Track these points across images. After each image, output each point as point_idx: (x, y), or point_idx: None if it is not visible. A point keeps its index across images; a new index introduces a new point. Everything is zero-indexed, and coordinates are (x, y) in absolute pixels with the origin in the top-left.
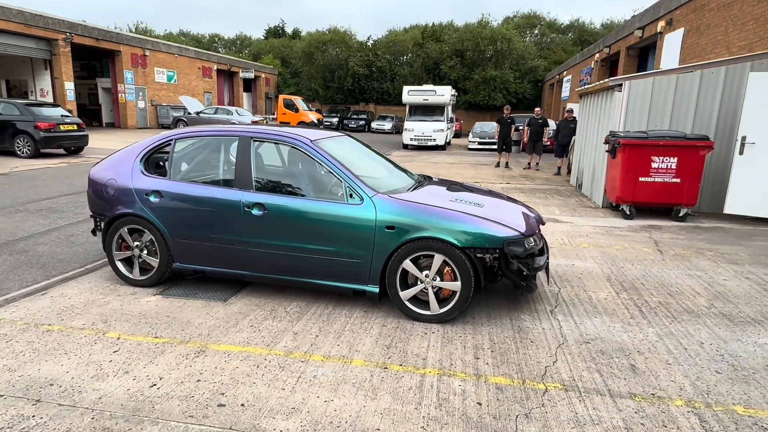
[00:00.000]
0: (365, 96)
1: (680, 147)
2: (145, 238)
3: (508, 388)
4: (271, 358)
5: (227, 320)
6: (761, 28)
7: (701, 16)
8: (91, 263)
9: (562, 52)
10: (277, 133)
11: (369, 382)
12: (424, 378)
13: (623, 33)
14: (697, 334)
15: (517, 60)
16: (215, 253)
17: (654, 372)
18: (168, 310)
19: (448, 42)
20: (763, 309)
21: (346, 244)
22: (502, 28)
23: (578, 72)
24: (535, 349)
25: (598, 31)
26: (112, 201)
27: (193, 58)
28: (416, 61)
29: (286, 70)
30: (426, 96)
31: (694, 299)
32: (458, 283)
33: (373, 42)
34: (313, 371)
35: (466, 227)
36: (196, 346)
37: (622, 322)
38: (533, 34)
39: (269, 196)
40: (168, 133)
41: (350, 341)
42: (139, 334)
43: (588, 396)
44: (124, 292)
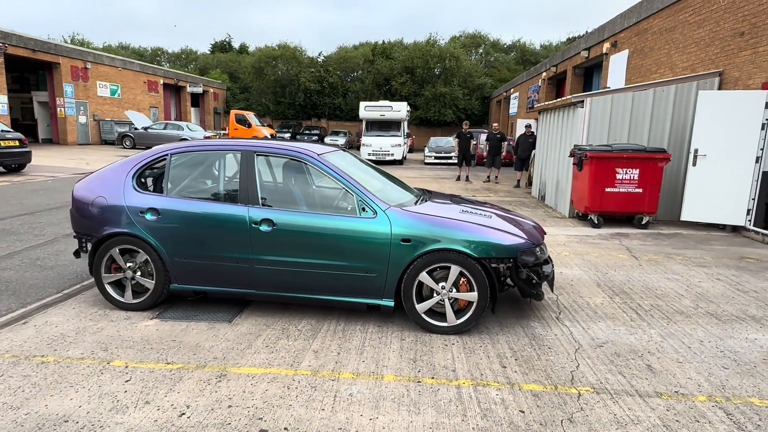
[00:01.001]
0: (317, 111)
1: (641, 159)
2: (139, 259)
3: (543, 395)
4: (299, 379)
5: (239, 342)
6: (702, 51)
7: (644, 39)
8: (68, 288)
9: (506, 71)
10: (281, 147)
11: (408, 397)
12: (460, 389)
13: (569, 53)
14: (694, 333)
15: (465, 77)
16: (219, 272)
17: (670, 371)
18: (171, 334)
19: (398, 59)
20: (742, 307)
21: (361, 258)
22: (450, 47)
23: (525, 90)
24: (554, 355)
25: (539, 51)
26: (100, 220)
27: (138, 72)
28: (367, 77)
29: (234, 85)
30: (383, 111)
31: (681, 301)
32: (475, 294)
33: (324, 58)
34: (347, 389)
35: (481, 238)
36: (216, 371)
37: (624, 325)
38: (478, 53)
39: (278, 212)
40: (162, 147)
41: (374, 357)
42: (149, 361)
43: (620, 397)
44: (116, 317)
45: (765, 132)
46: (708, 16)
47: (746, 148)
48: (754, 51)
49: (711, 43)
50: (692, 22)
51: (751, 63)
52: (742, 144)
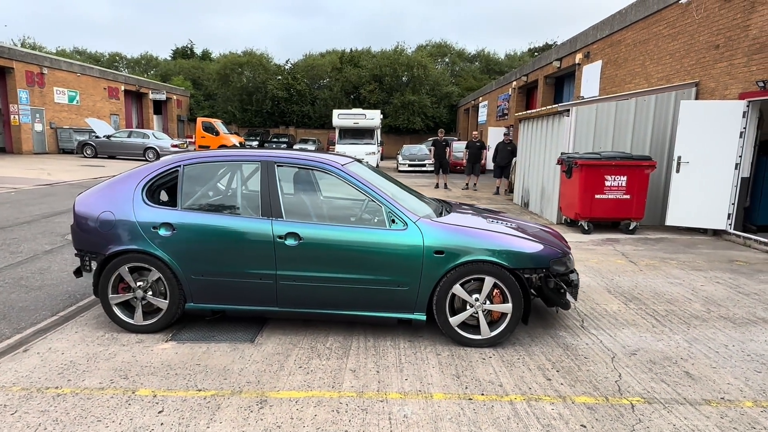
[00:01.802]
0: (285, 119)
1: (629, 166)
2: (150, 277)
3: (597, 407)
4: (346, 401)
5: (269, 363)
6: (677, 63)
7: (618, 51)
8: (63, 310)
9: (472, 79)
10: (302, 157)
11: (465, 416)
12: (513, 405)
13: (541, 63)
14: (716, 337)
15: (433, 86)
16: (239, 289)
17: (708, 377)
18: (193, 358)
19: (366, 67)
20: (750, 310)
21: (392, 271)
22: (417, 56)
23: (495, 98)
24: (593, 365)
25: (503, 61)
26: (107, 237)
27: (98, 78)
28: (336, 85)
29: (199, 92)
30: (356, 119)
31: (692, 305)
32: (509, 305)
33: (291, 66)
34: (400, 410)
35: (515, 248)
36: (254, 396)
37: (649, 332)
38: (444, 63)
39: (304, 225)
40: (171, 158)
41: (416, 374)
42: (177, 389)
43: (672, 406)
44: (126, 340)
45: (743, 140)
46: (682, 29)
47: (726, 155)
48: (730, 63)
49: (686, 55)
50: (666, 34)
51: (727, 74)
52: (721, 151)
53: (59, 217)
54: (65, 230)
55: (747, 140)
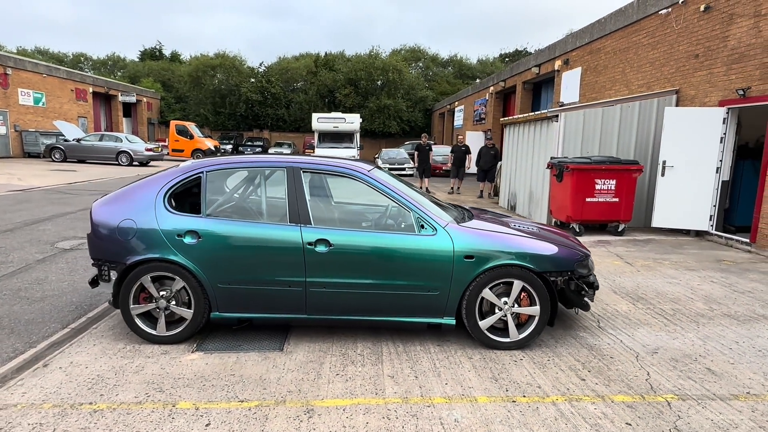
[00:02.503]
0: (259, 122)
1: (618, 170)
2: (175, 286)
3: (637, 406)
4: (393, 408)
5: (305, 371)
6: (657, 71)
7: (597, 58)
8: (73, 322)
9: (446, 84)
10: (330, 163)
11: (514, 418)
12: (557, 406)
13: (519, 69)
14: (725, 334)
15: (407, 90)
16: (267, 297)
17: (729, 372)
18: (225, 368)
19: (341, 71)
20: (749, 307)
21: (423, 277)
22: (392, 60)
23: (471, 103)
24: (621, 364)
25: (475, 66)
26: (129, 245)
27: (65, 79)
28: (311, 88)
29: (169, 94)
30: (336, 123)
31: (694, 304)
32: (537, 308)
33: (265, 68)
34: (449, 414)
35: (542, 252)
36: (300, 406)
37: (662, 331)
38: (418, 67)
39: (333, 231)
40: (194, 164)
41: (454, 378)
42: (219, 400)
43: (704, 402)
44: (150, 352)
45: (723, 145)
46: (662, 38)
47: (707, 159)
48: (710, 72)
49: (666, 63)
50: (646, 43)
51: (707, 82)
52: (704, 156)
53: (43, 224)
54: (53, 238)
55: (727, 145)
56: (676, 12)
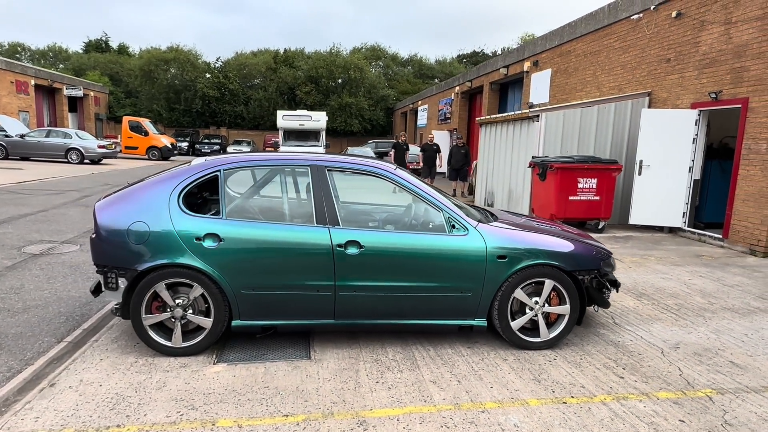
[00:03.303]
0: (216, 119)
1: (599, 169)
2: (192, 294)
3: (682, 402)
4: (448, 415)
5: (343, 380)
6: (628, 74)
7: (568, 61)
8: (68, 335)
9: (406, 83)
10: (355, 162)
11: (573, 421)
12: (607, 405)
13: (486, 69)
14: (733, 327)
15: (369, 89)
16: (294, 302)
17: (750, 365)
18: (256, 380)
19: (302, 68)
20: (743, 300)
21: (456, 278)
22: (354, 58)
23: (436, 102)
24: (650, 360)
25: (434, 66)
26: (141, 250)
27: (4, 70)
28: (270, 85)
29: (118, 88)
30: (302, 121)
31: (694, 298)
32: (567, 306)
33: (222, 64)
34: (506, 419)
35: (572, 251)
36: (351, 418)
37: (675, 326)
38: (379, 66)
39: (364, 232)
40: (208, 163)
41: (497, 381)
42: (262, 416)
43: (741, 395)
44: (167, 365)
45: (695, 145)
46: (633, 42)
47: (681, 159)
48: (681, 75)
49: (638, 67)
50: (618, 47)
51: (678, 86)
52: (677, 156)
53: (2, 227)
54: (17, 242)
55: (698, 146)
56: (647, 18)
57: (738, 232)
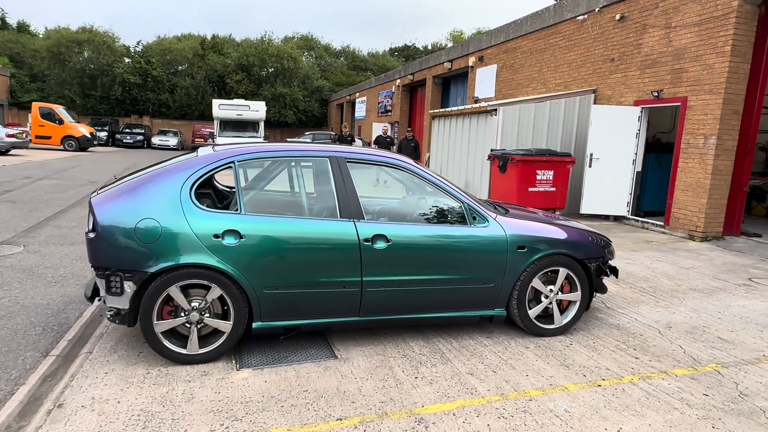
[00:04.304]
0: (139, 108)
1: (555, 162)
2: (210, 296)
3: (699, 377)
4: (500, 406)
5: (380, 378)
6: (574, 71)
7: (514, 57)
8: (53, 348)
9: (341, 75)
10: (374, 154)
11: (615, 402)
12: (636, 385)
13: (429, 63)
14: (706, 306)
15: (303, 79)
16: (320, 300)
17: (736, 340)
18: (291, 384)
19: (231, 56)
20: (702, 281)
21: (480, 269)
22: (286, 47)
23: (375, 94)
24: (653, 340)
25: (367, 58)
26: (151, 250)
27: None
28: (198, 72)
29: (21, 71)
30: (240, 111)
31: (661, 281)
32: (578, 293)
33: (142, 48)
34: (555, 406)
35: (582, 240)
36: (406, 416)
37: (658, 307)
38: (311, 56)
39: (390, 225)
40: (219, 153)
41: (530, 369)
42: (315, 422)
43: (743, 367)
44: (186, 375)
45: (638, 140)
46: (578, 42)
47: (626, 152)
48: (625, 74)
49: (583, 65)
50: (563, 46)
51: (622, 84)
52: (623, 149)
53: None
54: None
55: (641, 140)
56: (592, 19)
57: (678, 220)
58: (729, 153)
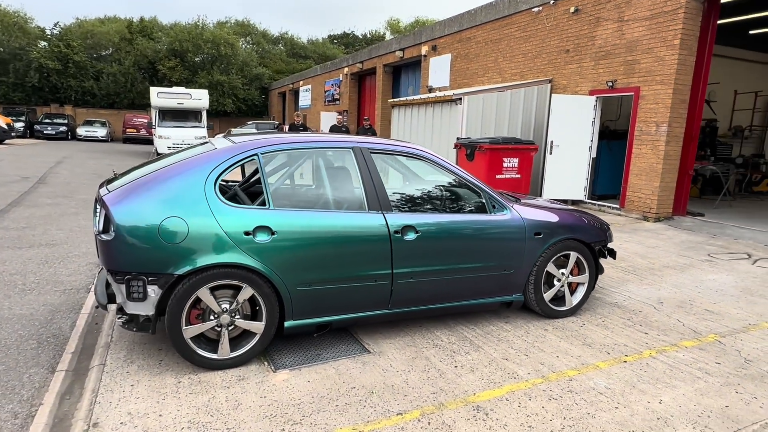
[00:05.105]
0: (59, 96)
1: (521, 150)
2: (242, 296)
3: (706, 347)
4: (546, 387)
5: (422, 369)
6: (530, 62)
7: (468, 47)
8: (57, 362)
9: (280, 62)
10: (396, 144)
11: (645, 376)
12: (656, 359)
13: (379, 51)
14: (684, 281)
15: (241, 66)
16: (352, 295)
17: (721, 311)
18: (336, 383)
19: (163, 41)
20: (671, 258)
21: (502, 256)
22: (222, 32)
23: (321, 83)
24: (653, 316)
25: (306, 46)
26: (178, 250)
27: None
28: (127, 58)
29: None
30: (180, 99)
31: (636, 260)
32: (586, 275)
33: (60, 30)
34: (595, 384)
35: (588, 225)
36: (463, 405)
37: (644, 285)
38: (249, 43)
39: (418, 217)
40: (243, 145)
41: (559, 351)
42: (377, 418)
43: (736, 335)
44: (221, 381)
45: (593, 127)
46: (534, 33)
47: (583, 139)
48: (580, 65)
49: (538, 56)
50: (519, 36)
51: (577, 74)
52: (581, 137)
53: None
54: None
55: (596, 128)
56: (546, 11)
57: (633, 202)
58: (678, 139)
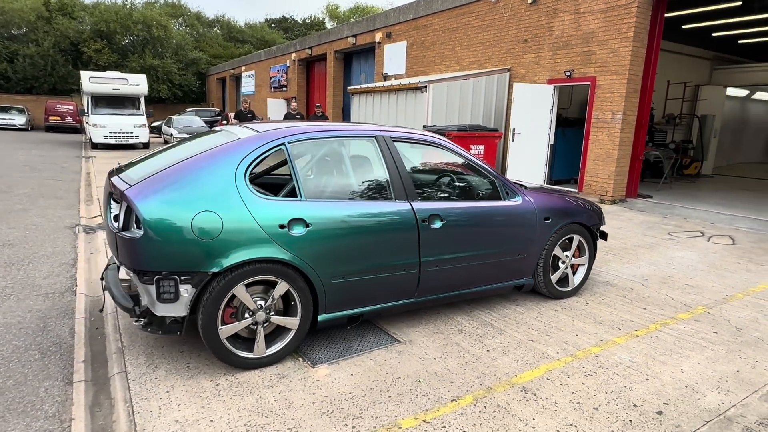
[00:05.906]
0: None
1: (486, 137)
2: (277, 292)
3: (700, 318)
4: (578, 365)
5: (457, 355)
6: (489, 51)
7: (425, 34)
8: (71, 373)
9: (218, 47)
10: (416, 133)
11: (660, 347)
12: (662, 332)
13: (330, 37)
14: (657, 259)
15: (176, 50)
16: (382, 285)
17: (699, 285)
18: (379, 375)
19: (86, 21)
20: (639, 238)
21: (517, 241)
22: (153, 13)
23: (266, 68)
24: (644, 292)
25: (244, 30)
26: (212, 246)
27: None
28: (45, 39)
29: None
30: (117, 85)
31: (611, 241)
32: (586, 257)
33: None
34: (619, 358)
35: (586, 209)
36: (509, 388)
37: (624, 264)
38: (181, 25)
39: (442, 204)
40: (268, 134)
41: (577, 329)
42: (434, 406)
43: (720, 306)
44: (261, 381)
45: (551, 115)
46: (492, 23)
47: (542, 127)
48: (538, 55)
49: (497, 45)
50: (476, 25)
51: (535, 64)
52: (540, 124)
53: None
54: None
55: (554, 116)
56: (504, 1)
57: (590, 186)
58: (631, 126)
